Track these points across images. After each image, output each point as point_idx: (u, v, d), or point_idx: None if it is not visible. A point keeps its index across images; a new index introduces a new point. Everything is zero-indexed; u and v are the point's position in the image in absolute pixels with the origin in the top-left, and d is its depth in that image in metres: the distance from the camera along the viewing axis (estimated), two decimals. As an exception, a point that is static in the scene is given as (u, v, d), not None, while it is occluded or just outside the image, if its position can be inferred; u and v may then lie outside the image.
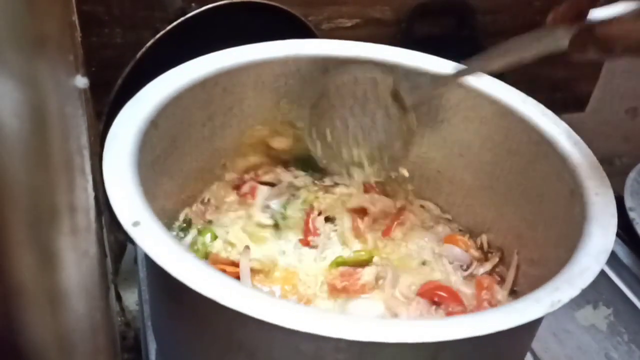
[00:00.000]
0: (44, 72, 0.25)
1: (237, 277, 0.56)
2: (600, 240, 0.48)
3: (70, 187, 0.33)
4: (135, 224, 0.43)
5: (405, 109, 0.62)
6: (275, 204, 0.65)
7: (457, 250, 0.64)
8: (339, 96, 0.63)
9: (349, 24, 0.94)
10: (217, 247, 0.61)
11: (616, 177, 0.61)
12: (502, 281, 0.61)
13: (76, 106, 0.40)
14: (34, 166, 0.21)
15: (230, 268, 0.57)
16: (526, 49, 0.54)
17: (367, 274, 0.59)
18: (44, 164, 0.23)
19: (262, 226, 0.64)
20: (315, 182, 0.69)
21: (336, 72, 0.63)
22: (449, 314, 0.57)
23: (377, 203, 0.66)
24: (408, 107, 0.62)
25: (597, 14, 0.50)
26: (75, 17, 0.48)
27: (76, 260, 0.31)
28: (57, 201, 0.26)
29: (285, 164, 0.70)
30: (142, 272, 0.69)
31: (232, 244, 0.61)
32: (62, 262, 0.25)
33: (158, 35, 0.70)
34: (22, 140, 0.19)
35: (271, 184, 0.68)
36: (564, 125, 0.59)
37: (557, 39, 0.51)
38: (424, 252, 0.64)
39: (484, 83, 0.63)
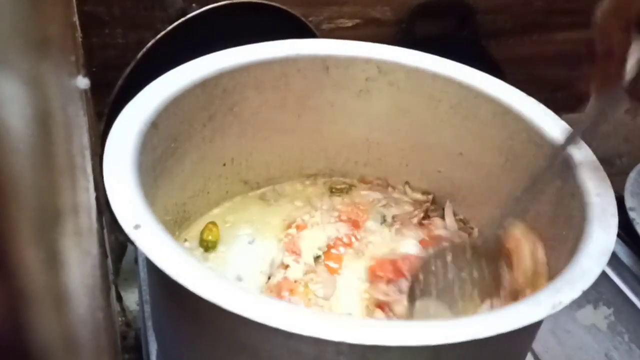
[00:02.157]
0: (48, 73, 0.25)
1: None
2: (601, 241, 0.48)
3: (73, 188, 0.33)
4: (136, 227, 0.43)
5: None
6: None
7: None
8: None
9: (349, 24, 0.94)
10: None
11: (616, 177, 0.61)
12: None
13: (78, 107, 0.40)
14: (38, 167, 0.21)
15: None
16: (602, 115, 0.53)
17: None
18: (48, 165, 0.23)
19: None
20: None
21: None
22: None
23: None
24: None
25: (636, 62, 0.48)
26: (76, 18, 0.48)
27: (79, 260, 0.31)
28: (60, 202, 0.26)
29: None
30: (143, 272, 0.69)
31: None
32: (66, 263, 0.25)
33: (159, 36, 0.71)
34: (27, 141, 0.19)
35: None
36: (564, 125, 0.59)
37: (617, 100, 0.51)
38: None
39: (484, 83, 0.63)
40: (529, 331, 0.51)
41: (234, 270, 0.61)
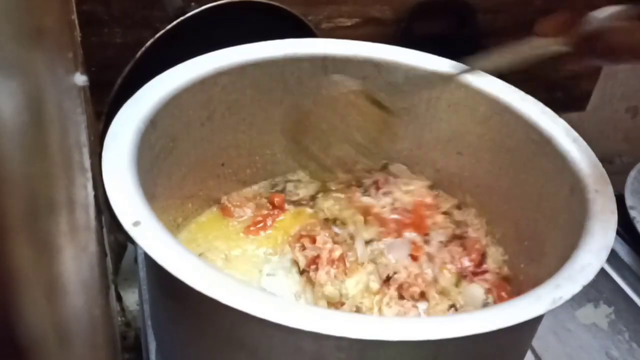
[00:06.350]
0: (42, 64, 0.25)
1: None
2: (600, 236, 0.48)
3: (69, 182, 0.33)
4: (136, 223, 0.43)
5: (384, 108, 0.62)
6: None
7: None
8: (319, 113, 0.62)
9: (349, 23, 0.94)
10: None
11: (617, 176, 0.61)
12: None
13: (75, 103, 0.40)
14: (29, 154, 0.21)
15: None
16: (525, 51, 0.55)
17: None
18: (41, 156, 0.23)
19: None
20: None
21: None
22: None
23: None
24: (387, 106, 0.62)
25: (594, 19, 0.50)
26: (74, 16, 0.48)
27: (75, 254, 0.31)
28: (55, 194, 0.26)
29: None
30: (142, 272, 0.69)
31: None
32: (60, 255, 0.25)
33: (158, 35, 0.70)
34: (19, 130, 0.19)
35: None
36: (562, 122, 0.59)
37: (551, 47, 0.53)
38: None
39: (483, 81, 0.63)
40: (529, 327, 0.50)
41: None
